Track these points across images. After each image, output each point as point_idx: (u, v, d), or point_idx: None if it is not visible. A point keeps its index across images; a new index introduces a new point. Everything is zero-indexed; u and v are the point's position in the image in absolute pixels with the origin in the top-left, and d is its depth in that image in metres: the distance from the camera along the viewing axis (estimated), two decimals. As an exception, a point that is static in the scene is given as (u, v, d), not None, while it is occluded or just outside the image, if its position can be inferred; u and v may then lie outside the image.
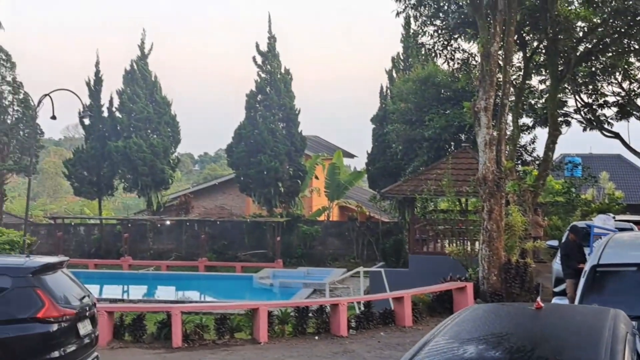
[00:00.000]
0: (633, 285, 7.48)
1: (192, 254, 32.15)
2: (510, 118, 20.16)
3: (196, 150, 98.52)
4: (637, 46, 21.13)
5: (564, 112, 24.66)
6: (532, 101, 24.79)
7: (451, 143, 26.63)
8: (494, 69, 16.31)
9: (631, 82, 24.09)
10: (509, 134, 19.01)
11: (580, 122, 25.12)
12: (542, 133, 23.84)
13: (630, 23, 19.74)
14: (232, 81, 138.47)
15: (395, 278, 20.26)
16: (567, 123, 24.69)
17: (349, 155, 44.47)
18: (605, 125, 25.12)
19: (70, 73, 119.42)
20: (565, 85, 22.84)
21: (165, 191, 35.79)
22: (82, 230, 35.48)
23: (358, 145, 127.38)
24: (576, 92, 24.37)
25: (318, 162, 35.72)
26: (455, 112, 25.09)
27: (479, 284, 16.09)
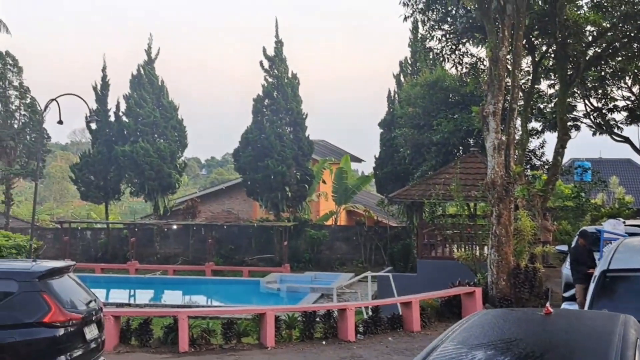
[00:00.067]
0: None
1: (199, 258, 32.12)
2: (519, 122, 20.07)
3: (203, 155, 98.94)
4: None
5: (574, 117, 24.57)
6: (541, 105, 24.69)
7: (459, 147, 26.51)
8: (502, 73, 16.24)
9: (641, 86, 24.00)
10: (517, 139, 18.94)
11: (590, 127, 25.01)
12: (552, 137, 23.84)
13: (640, 27, 19.66)
14: (240, 86, 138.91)
15: (403, 283, 20.18)
16: (577, 127, 24.60)
17: (357, 159, 44.40)
18: (615, 130, 24.99)
19: (77, 78, 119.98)
20: (574, 89, 22.77)
21: (172, 195, 35.78)
22: (89, 234, 35.50)
23: (366, 149, 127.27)
24: (585, 97, 24.27)
25: (325, 167, 35.66)
26: (463, 117, 24.99)
27: (488, 289, 16.05)
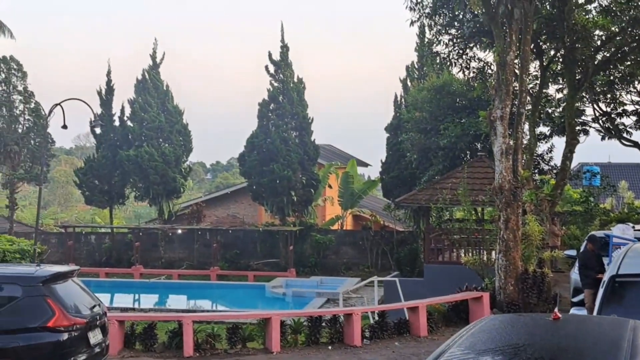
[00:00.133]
0: None
1: (204, 262, 32.07)
2: (526, 127, 20.03)
3: (208, 159, 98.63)
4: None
5: (582, 121, 24.51)
6: (549, 110, 24.64)
7: (467, 152, 26.41)
8: (510, 77, 16.17)
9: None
10: (525, 143, 18.87)
11: (599, 131, 24.93)
12: (560, 142, 23.70)
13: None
14: (245, 90, 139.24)
15: (410, 288, 20.13)
16: (585, 132, 24.53)
17: (363, 164, 44.31)
18: (624, 134, 24.93)
19: (82, 82, 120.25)
20: (583, 93, 22.70)
21: (177, 200, 35.67)
22: (93, 239, 35.50)
23: (372, 154, 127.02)
24: (594, 101, 24.18)
25: (331, 171, 35.60)
26: (470, 121, 24.88)
27: (496, 294, 15.97)
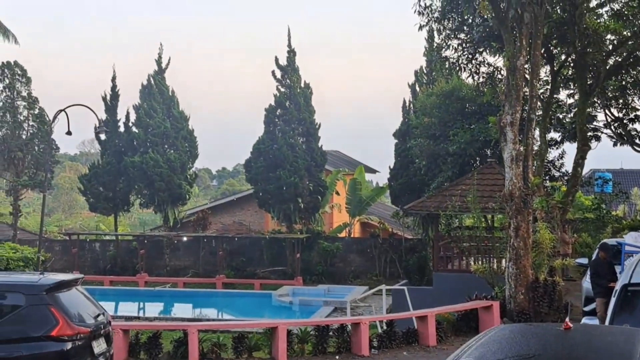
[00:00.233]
0: None
1: (210, 270, 31.85)
2: (537, 133, 19.90)
3: (214, 166, 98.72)
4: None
5: (594, 127, 24.33)
6: (560, 115, 24.50)
7: (476, 158, 26.27)
8: (520, 83, 16.04)
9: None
10: (536, 149, 18.76)
11: (611, 137, 24.73)
12: (571, 148, 23.54)
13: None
14: (251, 95, 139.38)
15: (419, 296, 19.95)
16: (597, 138, 24.34)
17: (371, 170, 44.11)
18: (637, 140, 24.69)
19: (87, 88, 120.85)
20: (594, 99, 22.55)
21: (182, 207, 35.57)
22: (98, 246, 35.35)
23: (380, 160, 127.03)
24: (606, 106, 24.00)
25: (339, 178, 35.40)
26: (480, 127, 24.71)
27: (506, 302, 15.84)
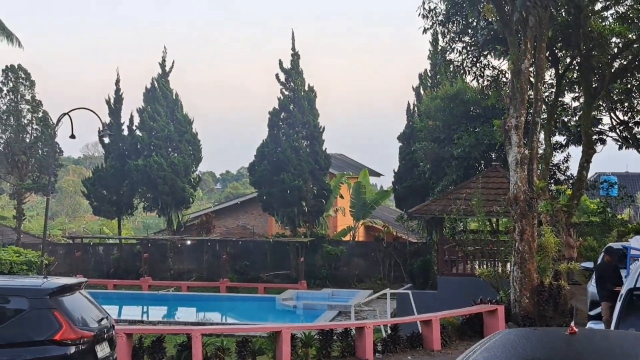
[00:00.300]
0: None
1: (213, 274, 31.79)
2: (542, 136, 19.82)
3: (218, 169, 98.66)
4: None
5: (599, 130, 24.28)
6: (565, 119, 24.43)
7: (481, 162, 26.19)
8: (525, 86, 15.99)
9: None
10: (541, 153, 18.69)
11: (616, 140, 24.65)
12: (576, 151, 23.47)
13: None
14: (255, 99, 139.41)
15: (423, 300, 19.93)
16: (602, 141, 24.25)
17: (375, 173, 44.05)
18: (642, 144, 24.53)
19: (90, 91, 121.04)
20: (599, 102, 22.49)
21: (186, 210, 35.58)
22: (101, 250, 35.33)
23: (384, 163, 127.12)
24: (611, 110, 23.92)
25: (343, 181, 35.33)
26: (485, 130, 24.64)
27: (511, 306, 15.80)
